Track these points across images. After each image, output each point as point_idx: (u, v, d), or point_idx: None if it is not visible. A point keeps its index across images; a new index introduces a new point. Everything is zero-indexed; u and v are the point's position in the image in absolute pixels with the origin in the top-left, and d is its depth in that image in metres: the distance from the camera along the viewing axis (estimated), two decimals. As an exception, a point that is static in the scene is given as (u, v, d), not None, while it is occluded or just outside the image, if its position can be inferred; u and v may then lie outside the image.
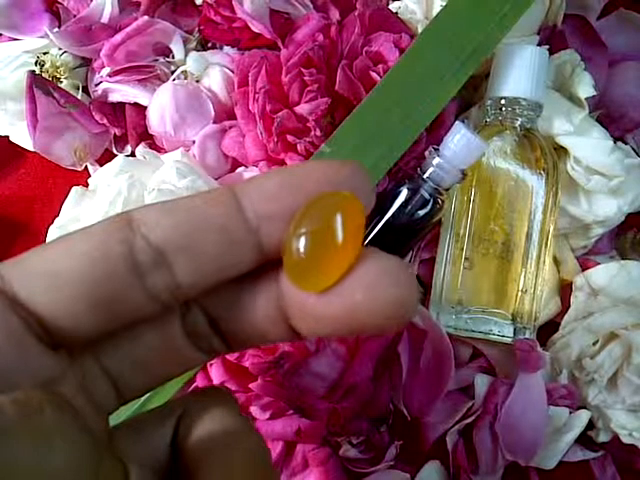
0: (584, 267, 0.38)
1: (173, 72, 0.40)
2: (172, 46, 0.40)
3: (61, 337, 0.16)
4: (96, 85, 0.41)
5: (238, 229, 0.16)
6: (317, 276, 0.16)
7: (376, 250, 0.17)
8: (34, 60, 0.40)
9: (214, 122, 0.39)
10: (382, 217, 0.35)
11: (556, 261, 0.39)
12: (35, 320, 0.16)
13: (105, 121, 0.40)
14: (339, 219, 0.16)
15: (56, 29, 0.41)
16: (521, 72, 0.36)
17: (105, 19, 0.41)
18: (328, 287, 0.16)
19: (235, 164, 0.40)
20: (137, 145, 0.40)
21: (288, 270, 0.17)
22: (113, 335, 0.18)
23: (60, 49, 0.41)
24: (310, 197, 0.16)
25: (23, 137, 0.40)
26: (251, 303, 0.18)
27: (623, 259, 0.39)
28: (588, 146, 0.36)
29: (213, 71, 0.40)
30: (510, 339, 0.37)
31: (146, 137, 0.40)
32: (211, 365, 0.35)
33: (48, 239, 0.38)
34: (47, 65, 0.40)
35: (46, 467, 0.13)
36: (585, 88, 0.37)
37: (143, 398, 0.33)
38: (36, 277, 0.16)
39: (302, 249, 0.16)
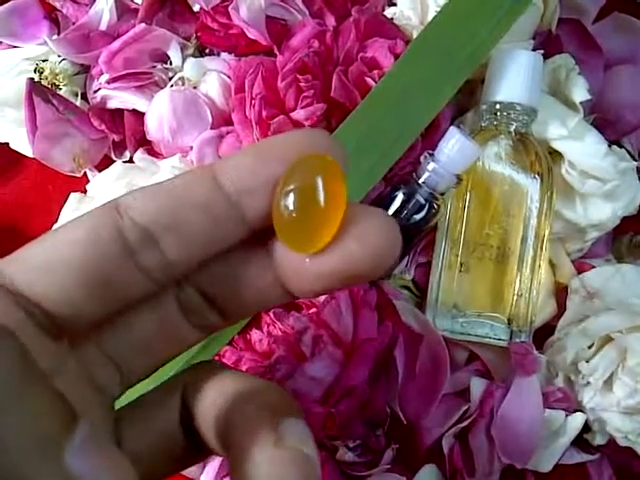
0: (580, 270, 0.38)
1: (171, 78, 0.40)
2: (170, 53, 0.40)
3: (63, 324, 0.17)
4: (95, 92, 0.41)
5: (220, 205, 0.17)
6: (310, 237, 0.17)
7: (361, 205, 0.18)
8: (33, 67, 0.41)
9: (212, 128, 0.39)
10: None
11: (552, 265, 0.39)
12: (37, 311, 0.16)
13: (104, 127, 0.40)
14: (319, 182, 0.16)
15: (55, 36, 0.41)
16: (516, 77, 0.36)
17: (103, 26, 0.41)
18: (322, 247, 0.17)
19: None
20: (136, 151, 0.40)
21: (281, 233, 0.17)
22: (112, 320, 0.18)
23: (59, 56, 0.41)
24: (289, 164, 0.17)
25: (23, 144, 0.41)
26: (244, 274, 0.19)
27: (619, 262, 0.40)
28: (582, 150, 0.36)
29: (210, 77, 0.40)
30: (506, 342, 0.37)
31: (144, 143, 0.41)
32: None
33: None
34: (46, 72, 0.41)
35: None
36: (580, 92, 0.37)
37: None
38: (33, 269, 0.17)
39: (291, 206, 0.16)
